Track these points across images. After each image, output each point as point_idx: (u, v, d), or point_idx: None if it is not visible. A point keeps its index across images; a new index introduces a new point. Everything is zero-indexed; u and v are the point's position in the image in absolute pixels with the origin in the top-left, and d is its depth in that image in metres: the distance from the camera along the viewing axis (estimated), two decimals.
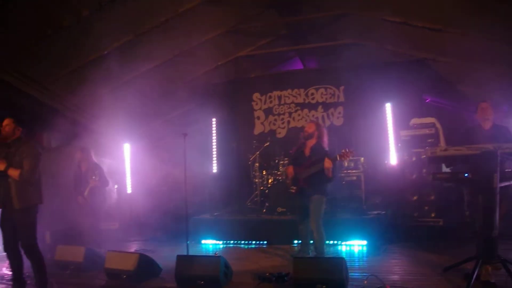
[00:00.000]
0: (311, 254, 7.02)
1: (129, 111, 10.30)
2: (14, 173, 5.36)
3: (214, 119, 11.68)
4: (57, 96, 9.37)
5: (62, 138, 10.25)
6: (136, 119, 11.00)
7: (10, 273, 5.85)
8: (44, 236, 8.60)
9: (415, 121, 9.31)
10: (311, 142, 6.92)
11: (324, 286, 5.13)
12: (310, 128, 6.97)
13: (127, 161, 11.78)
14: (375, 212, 8.69)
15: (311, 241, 7.02)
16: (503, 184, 4.97)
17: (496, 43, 8.02)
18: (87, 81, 9.21)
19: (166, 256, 7.04)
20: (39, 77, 8.71)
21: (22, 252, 5.47)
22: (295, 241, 8.35)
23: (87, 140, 9.42)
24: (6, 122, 5.56)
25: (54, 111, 9.40)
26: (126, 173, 11.73)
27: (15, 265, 5.51)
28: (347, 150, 6.38)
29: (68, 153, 9.54)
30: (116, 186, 11.50)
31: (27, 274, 5.70)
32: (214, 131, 11.69)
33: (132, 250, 8.49)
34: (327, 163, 6.36)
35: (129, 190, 11.67)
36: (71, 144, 9.85)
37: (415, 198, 8.93)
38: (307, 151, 6.94)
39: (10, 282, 5.68)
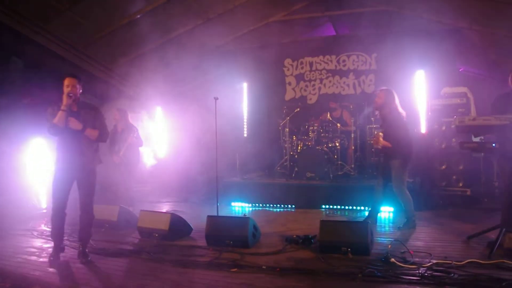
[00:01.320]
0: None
1: (161, 75, 10.48)
2: (92, 133, 5.44)
3: (245, 84, 11.77)
4: (91, 59, 9.58)
5: (96, 101, 10.51)
6: (169, 83, 11.18)
7: (49, 229, 6.10)
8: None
9: (446, 90, 9.23)
10: (385, 112, 6.92)
11: (349, 249, 5.29)
12: (379, 99, 6.96)
13: (159, 125, 12.02)
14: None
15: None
16: None
17: None
18: (119, 46, 9.40)
19: (196, 217, 7.27)
20: (73, 40, 8.90)
21: (81, 209, 5.55)
22: (323, 206, 8.52)
23: (121, 102, 9.67)
24: (74, 81, 5.34)
25: (88, 74, 9.62)
26: (159, 136, 11.98)
27: (62, 223, 5.50)
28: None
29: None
30: (148, 149, 11.77)
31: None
32: (245, 96, 11.80)
33: (164, 210, 8.76)
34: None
35: (161, 153, 11.94)
36: (104, 107, 10.12)
37: (443, 167, 8.96)
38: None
39: (49, 238, 5.88)
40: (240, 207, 9.03)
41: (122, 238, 6.47)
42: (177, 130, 11.80)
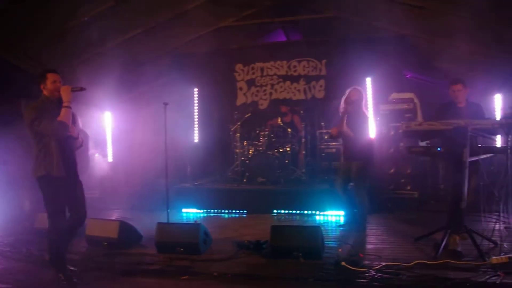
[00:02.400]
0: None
1: (110, 80, 10.25)
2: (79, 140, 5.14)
3: (196, 89, 11.69)
4: (35, 62, 9.25)
5: None
6: (118, 88, 10.95)
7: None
8: (23, 204, 8.62)
9: (394, 96, 9.48)
10: (354, 107, 6.98)
11: (300, 254, 5.30)
12: (354, 95, 7.03)
13: (108, 129, 11.77)
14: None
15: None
16: (472, 159, 5.15)
17: (472, 21, 8.16)
18: (67, 49, 9.13)
19: (146, 224, 7.10)
20: (16, 43, 8.59)
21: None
22: (274, 211, 8.54)
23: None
24: (59, 77, 4.86)
25: (31, 77, 9.29)
26: (107, 142, 11.73)
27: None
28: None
29: None
30: (96, 155, 11.50)
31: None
32: (196, 101, 11.71)
33: (113, 218, 8.55)
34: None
35: (110, 159, 11.69)
36: None
37: (392, 171, 9.18)
38: None
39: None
40: (191, 214, 8.93)
41: (69, 247, 6.23)
42: (127, 136, 11.58)
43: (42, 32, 8.60)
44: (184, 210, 9.02)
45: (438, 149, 5.48)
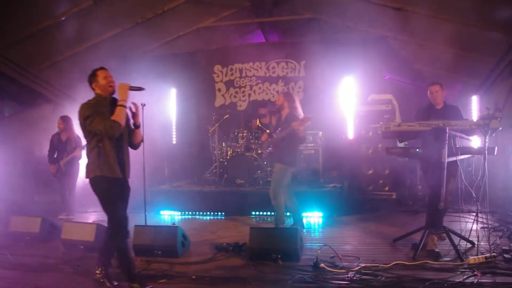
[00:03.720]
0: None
1: (87, 80, 10.09)
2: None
3: (174, 90, 11.59)
4: (10, 62, 9.07)
5: (15, 107, 9.99)
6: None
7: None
8: None
9: (373, 97, 9.53)
10: (285, 112, 7.00)
11: (279, 256, 5.27)
12: (279, 101, 7.09)
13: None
14: (332, 185, 8.89)
15: (287, 212, 7.27)
16: (450, 159, 5.18)
17: (451, 24, 8.25)
18: (42, 48, 8.97)
19: None
20: None
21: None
22: (253, 212, 8.50)
23: (44, 109, 9.24)
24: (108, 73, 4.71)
25: (6, 78, 9.11)
26: (83, 143, 11.54)
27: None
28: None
29: (22, 122, 9.34)
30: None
31: None
32: (174, 102, 11.61)
33: (90, 221, 8.42)
34: (295, 124, 6.49)
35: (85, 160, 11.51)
36: (25, 113, 9.63)
37: (370, 172, 9.23)
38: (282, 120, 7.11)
39: None
40: (169, 216, 8.83)
41: (45, 252, 6.07)
42: None
43: (18, 31, 8.44)
44: (162, 212, 8.92)
45: (417, 150, 5.50)
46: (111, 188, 4.53)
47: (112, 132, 4.39)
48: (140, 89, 4.71)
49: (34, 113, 9.68)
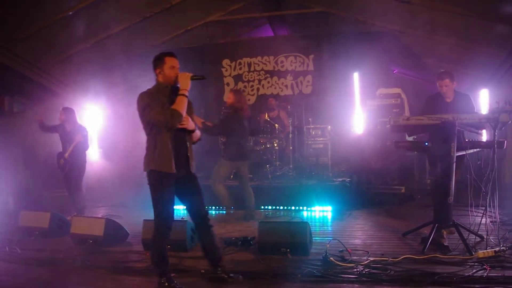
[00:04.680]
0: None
1: (96, 75, 10.14)
2: (197, 132, 4.66)
3: None
4: (19, 58, 9.11)
5: (25, 102, 10.04)
6: (103, 83, 10.84)
7: None
8: (7, 202, 8.50)
9: (381, 91, 9.50)
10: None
11: (288, 250, 5.28)
12: (229, 99, 7.48)
13: (92, 126, 11.61)
14: (340, 179, 8.89)
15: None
16: (459, 153, 5.16)
17: (459, 17, 8.20)
18: (51, 43, 9.00)
19: (133, 221, 7.03)
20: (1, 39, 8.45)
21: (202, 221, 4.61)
22: (262, 207, 8.51)
23: (54, 104, 9.27)
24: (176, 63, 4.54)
25: (16, 74, 9.16)
26: (92, 138, 11.58)
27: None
28: None
29: (32, 117, 9.38)
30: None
31: None
32: None
33: (99, 215, 8.47)
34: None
35: (95, 155, 11.56)
36: (34, 109, 9.66)
37: (379, 166, 9.18)
38: None
39: None
40: (178, 210, 8.85)
41: (54, 246, 6.10)
42: (114, 131, 11.47)
43: (27, 27, 8.47)
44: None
45: (426, 143, 5.48)
46: (162, 184, 4.31)
47: (172, 121, 4.18)
48: (202, 78, 4.59)
49: (43, 109, 9.72)
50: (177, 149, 4.30)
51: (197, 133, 4.55)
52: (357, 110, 9.99)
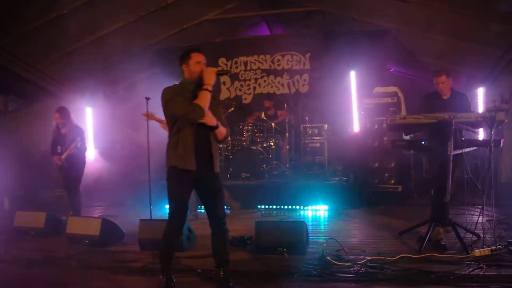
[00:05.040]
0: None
1: (91, 74, 10.11)
2: (222, 130, 4.41)
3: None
4: (14, 57, 9.06)
5: (20, 102, 10.00)
6: (99, 82, 10.80)
7: None
8: (3, 202, 8.46)
9: (378, 89, 9.48)
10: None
11: (284, 249, 5.27)
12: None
13: (89, 125, 11.60)
14: (337, 178, 8.89)
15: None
16: (456, 152, 5.16)
17: (456, 15, 8.20)
18: (46, 42, 8.96)
19: (129, 221, 7.04)
20: None
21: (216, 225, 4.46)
22: (258, 206, 8.50)
23: (48, 103, 9.24)
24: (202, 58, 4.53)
25: (10, 73, 9.11)
26: (88, 138, 11.55)
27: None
28: None
29: (27, 116, 9.34)
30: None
31: None
32: None
33: (95, 215, 8.44)
34: None
35: (91, 155, 11.52)
36: (29, 107, 9.63)
37: (376, 165, 9.18)
38: None
39: None
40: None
41: (50, 246, 6.07)
42: (109, 131, 11.43)
43: (22, 25, 8.43)
44: (167, 206, 8.89)
45: (423, 142, 5.47)
46: (179, 180, 4.28)
47: (194, 116, 4.07)
48: (227, 72, 4.51)
49: (38, 108, 9.69)
50: (198, 146, 4.20)
51: (222, 130, 4.35)
52: (353, 109, 9.98)
